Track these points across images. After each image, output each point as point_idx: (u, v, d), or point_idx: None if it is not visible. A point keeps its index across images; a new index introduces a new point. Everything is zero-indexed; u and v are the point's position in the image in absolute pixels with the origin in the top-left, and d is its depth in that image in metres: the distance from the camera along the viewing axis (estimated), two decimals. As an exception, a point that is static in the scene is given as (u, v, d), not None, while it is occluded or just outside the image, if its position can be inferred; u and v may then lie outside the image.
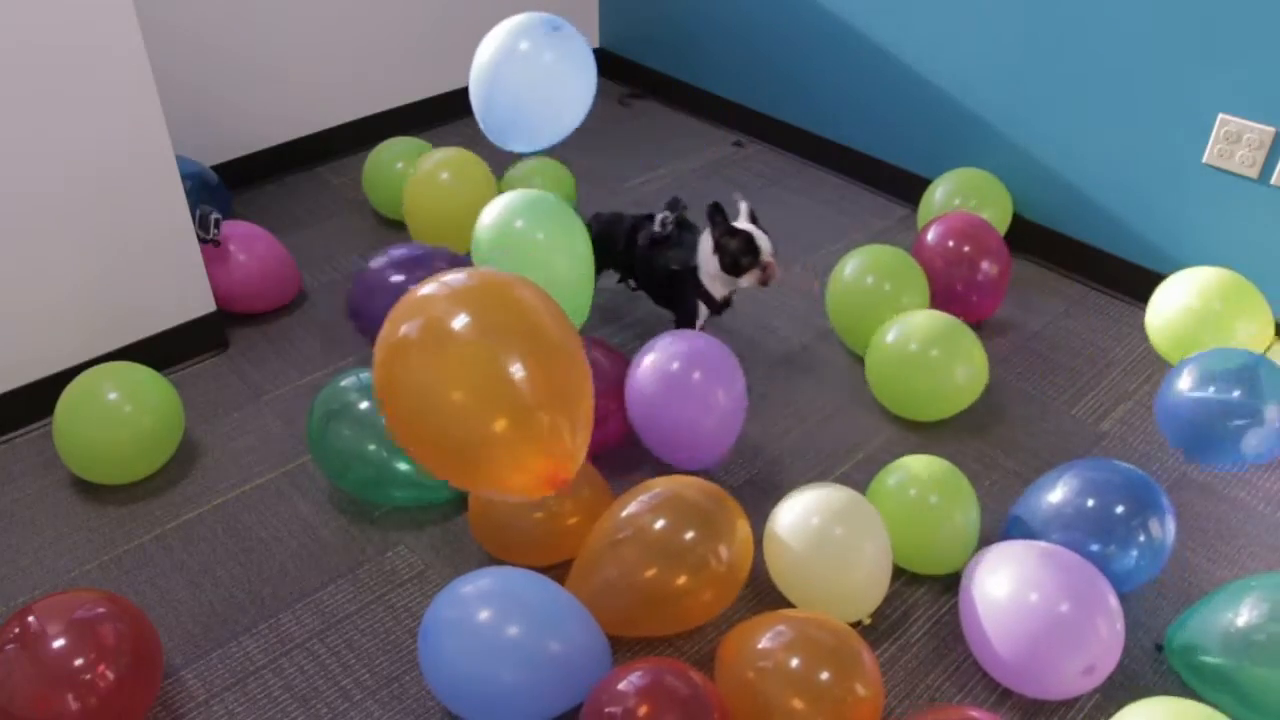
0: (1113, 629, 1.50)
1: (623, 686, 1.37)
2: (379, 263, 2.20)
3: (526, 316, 1.44)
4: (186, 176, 2.24)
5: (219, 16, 2.74)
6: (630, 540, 1.59)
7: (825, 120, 3.07)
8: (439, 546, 1.85)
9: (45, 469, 2.00)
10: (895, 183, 2.93)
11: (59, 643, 1.42)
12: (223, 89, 2.83)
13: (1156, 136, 2.35)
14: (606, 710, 1.35)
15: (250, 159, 2.96)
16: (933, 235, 2.35)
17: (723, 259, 2.07)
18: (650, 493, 1.65)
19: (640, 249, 2.22)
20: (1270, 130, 2.17)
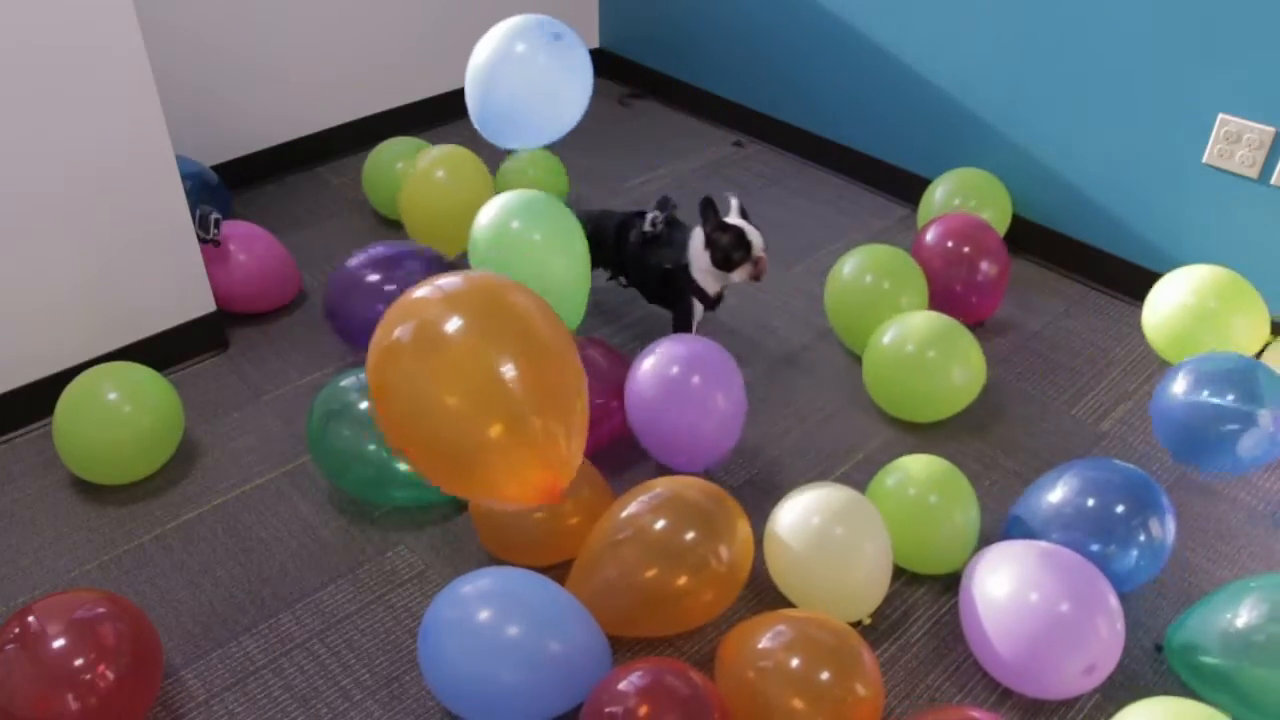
0: (1113, 629, 1.50)
1: (623, 686, 1.37)
2: (355, 261, 2.19)
3: (520, 321, 1.44)
4: (186, 176, 2.24)
5: (219, 16, 2.74)
6: (631, 540, 1.59)
7: (825, 120, 3.07)
8: (439, 546, 1.85)
9: (45, 469, 2.00)
10: (895, 183, 2.93)
11: (59, 643, 1.42)
12: (223, 89, 2.83)
13: (1156, 136, 2.35)
14: (607, 710, 1.35)
15: (250, 159, 2.96)
16: (931, 236, 2.35)
17: (714, 254, 2.07)
18: (651, 493, 1.65)
19: (631, 248, 2.22)
20: (1270, 130, 2.17)
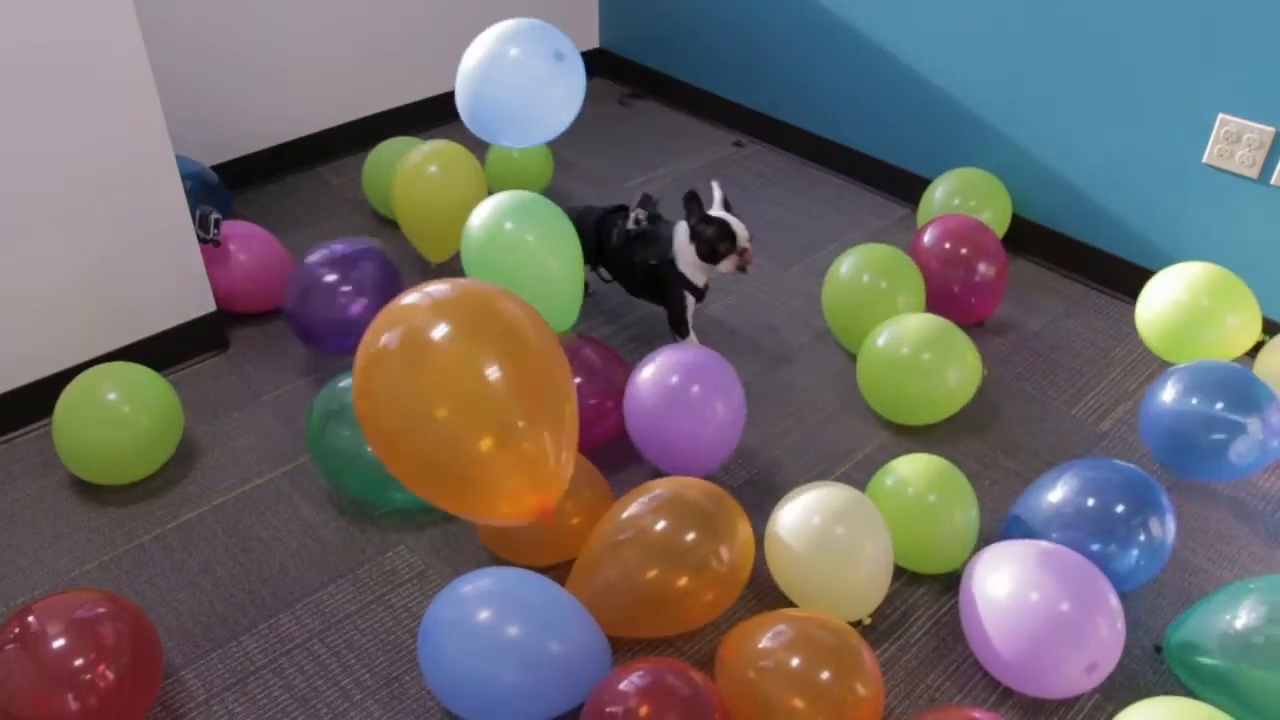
0: (1113, 628, 1.50)
1: (624, 686, 1.37)
2: (314, 258, 2.18)
3: (510, 330, 1.42)
4: (186, 176, 2.23)
5: (219, 16, 2.74)
6: (631, 541, 1.59)
7: (825, 120, 3.07)
8: (439, 546, 1.85)
9: (45, 469, 2.00)
10: (895, 183, 2.93)
11: (59, 643, 1.42)
12: (223, 89, 2.83)
13: (1156, 136, 2.35)
14: (608, 710, 1.35)
15: (250, 159, 2.96)
16: (929, 237, 2.35)
17: (700, 247, 2.08)
18: (651, 494, 1.65)
19: (615, 245, 2.23)
20: (1270, 130, 2.17)
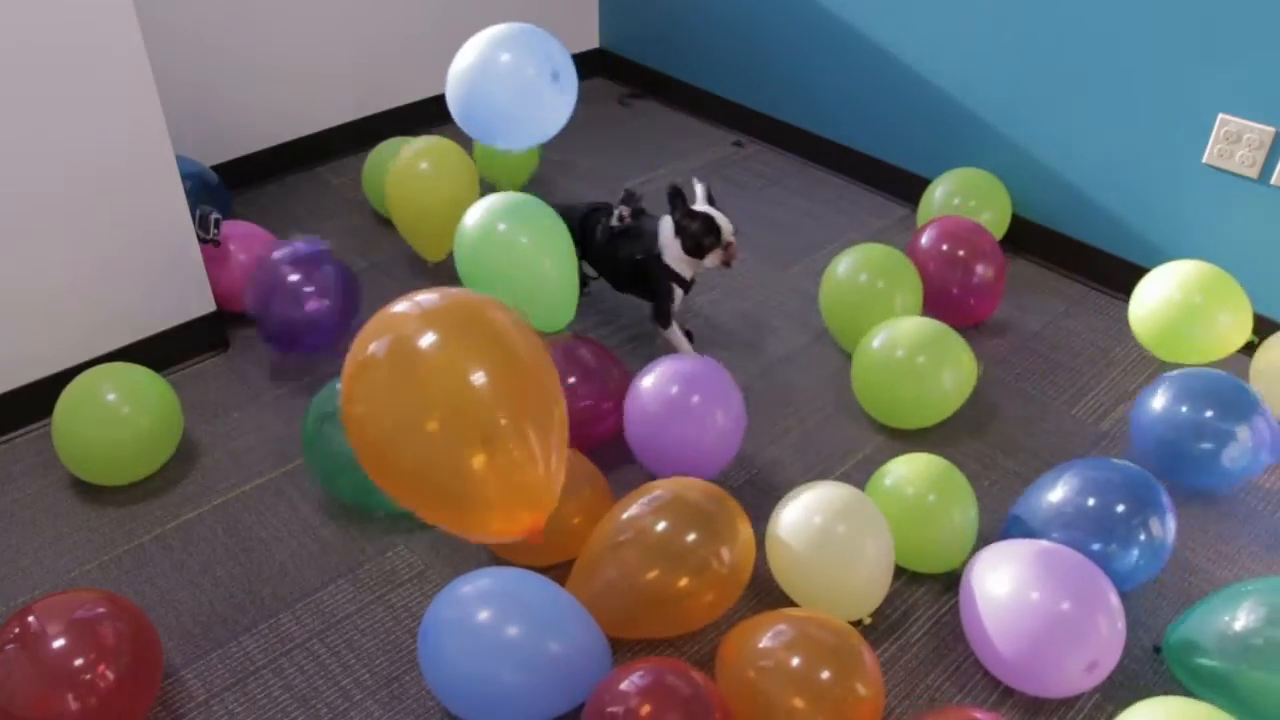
0: (1114, 627, 1.50)
1: (624, 686, 1.37)
2: (279, 255, 2.18)
3: (498, 340, 1.41)
4: (186, 176, 2.23)
5: (219, 16, 2.74)
6: (632, 542, 1.59)
7: (825, 120, 3.07)
8: (439, 546, 1.85)
9: (45, 469, 2.00)
10: (895, 183, 2.93)
11: (59, 643, 1.42)
12: (223, 89, 2.83)
13: (1156, 136, 2.35)
14: (608, 710, 1.35)
15: (250, 159, 2.96)
16: (927, 239, 2.35)
17: (685, 242, 2.10)
18: (652, 495, 1.65)
19: (600, 242, 2.24)
20: (1270, 130, 2.17)
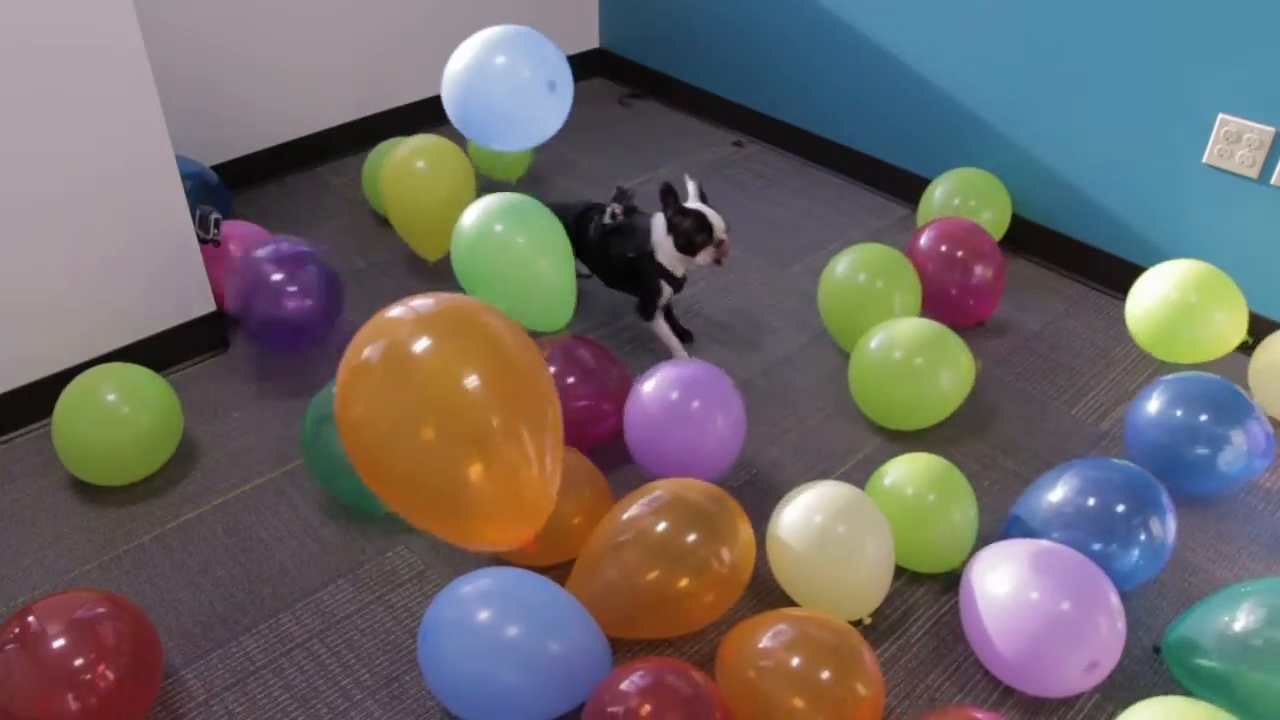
0: (1114, 627, 1.50)
1: (625, 686, 1.37)
2: (261, 253, 2.17)
3: (491, 346, 1.40)
4: (186, 176, 2.23)
5: (219, 16, 2.74)
6: (632, 543, 1.59)
7: (825, 120, 3.07)
8: (439, 546, 1.85)
9: (45, 469, 2.00)
10: (895, 183, 2.93)
11: (59, 643, 1.42)
12: (223, 89, 2.82)
13: (1156, 136, 2.35)
14: (609, 710, 1.35)
15: (250, 159, 2.96)
16: (925, 240, 2.35)
17: (677, 239, 2.11)
18: (652, 495, 1.65)
19: (593, 240, 2.24)
20: (1270, 130, 2.17)
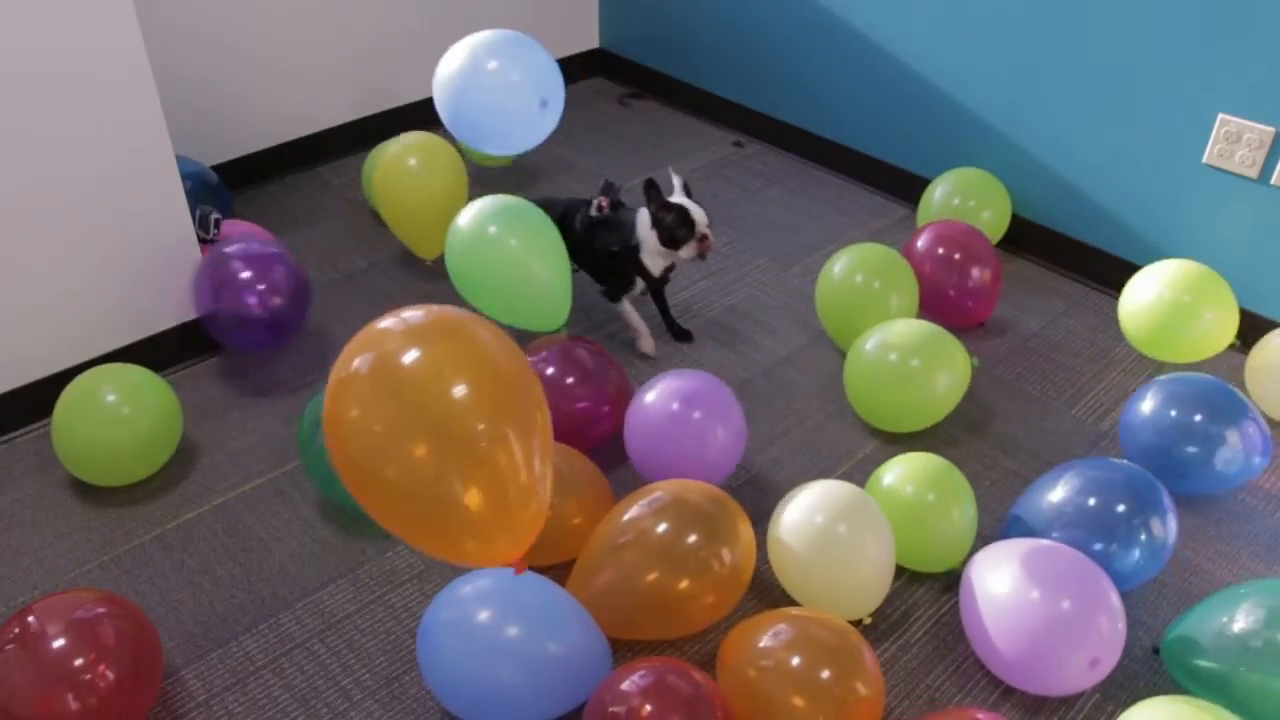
0: (1114, 626, 1.50)
1: (626, 686, 1.37)
2: (231, 249, 2.16)
3: (479, 357, 1.35)
4: (186, 176, 2.23)
5: (219, 16, 2.73)
6: (632, 544, 1.59)
7: (825, 120, 3.07)
8: (439, 546, 1.85)
9: (45, 469, 2.00)
10: (895, 183, 2.93)
11: (59, 643, 1.42)
12: (223, 89, 2.82)
13: (1156, 136, 2.35)
14: (610, 709, 1.35)
15: (250, 159, 2.96)
16: (923, 242, 2.35)
17: (660, 234, 2.14)
18: (652, 496, 1.65)
19: (579, 232, 2.26)
20: (1270, 130, 2.17)
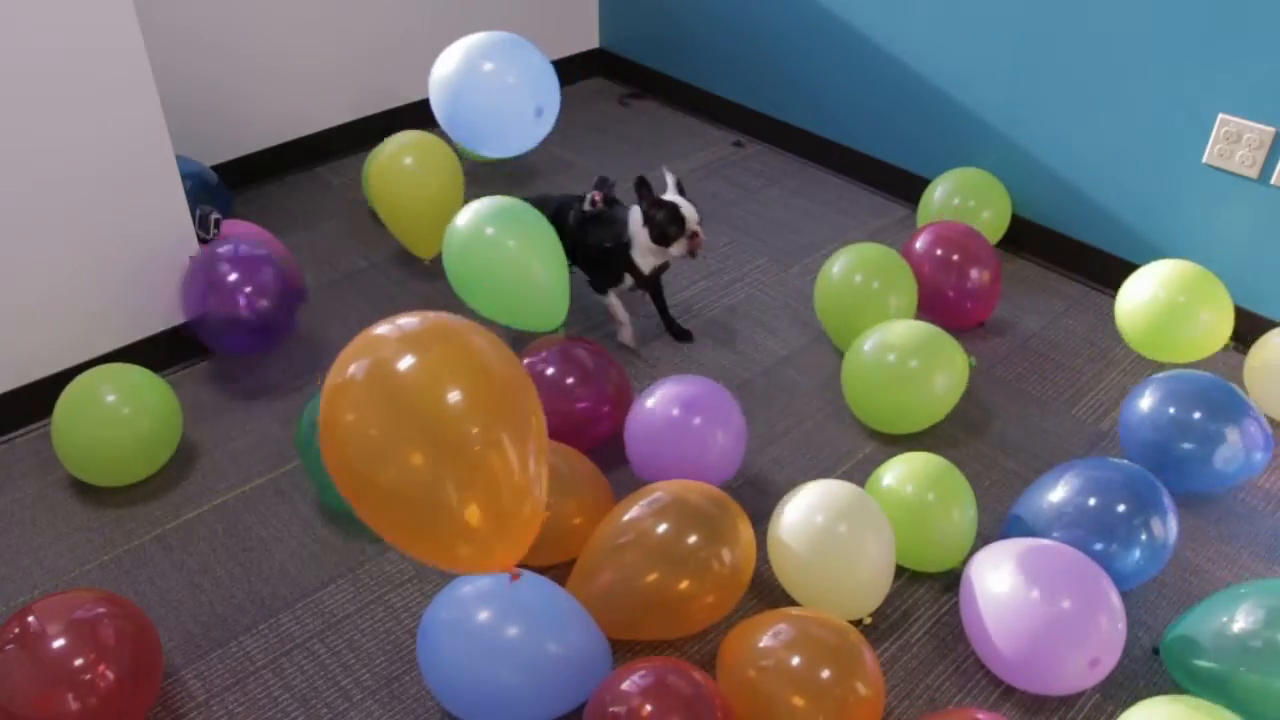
0: (1114, 626, 1.50)
1: (626, 686, 1.37)
2: (222, 250, 2.16)
3: (477, 367, 1.35)
4: (186, 176, 2.23)
5: (219, 16, 2.73)
6: (632, 544, 1.59)
7: (825, 120, 3.07)
8: (439, 546, 1.85)
9: (45, 469, 2.00)
10: (895, 183, 2.93)
11: (59, 643, 1.42)
12: (223, 89, 2.82)
13: (1156, 136, 2.35)
14: (610, 709, 1.35)
15: (250, 159, 2.96)
16: (921, 243, 2.35)
17: (651, 231, 2.16)
18: (652, 497, 1.65)
19: (572, 228, 2.26)
20: (1270, 130, 2.17)
